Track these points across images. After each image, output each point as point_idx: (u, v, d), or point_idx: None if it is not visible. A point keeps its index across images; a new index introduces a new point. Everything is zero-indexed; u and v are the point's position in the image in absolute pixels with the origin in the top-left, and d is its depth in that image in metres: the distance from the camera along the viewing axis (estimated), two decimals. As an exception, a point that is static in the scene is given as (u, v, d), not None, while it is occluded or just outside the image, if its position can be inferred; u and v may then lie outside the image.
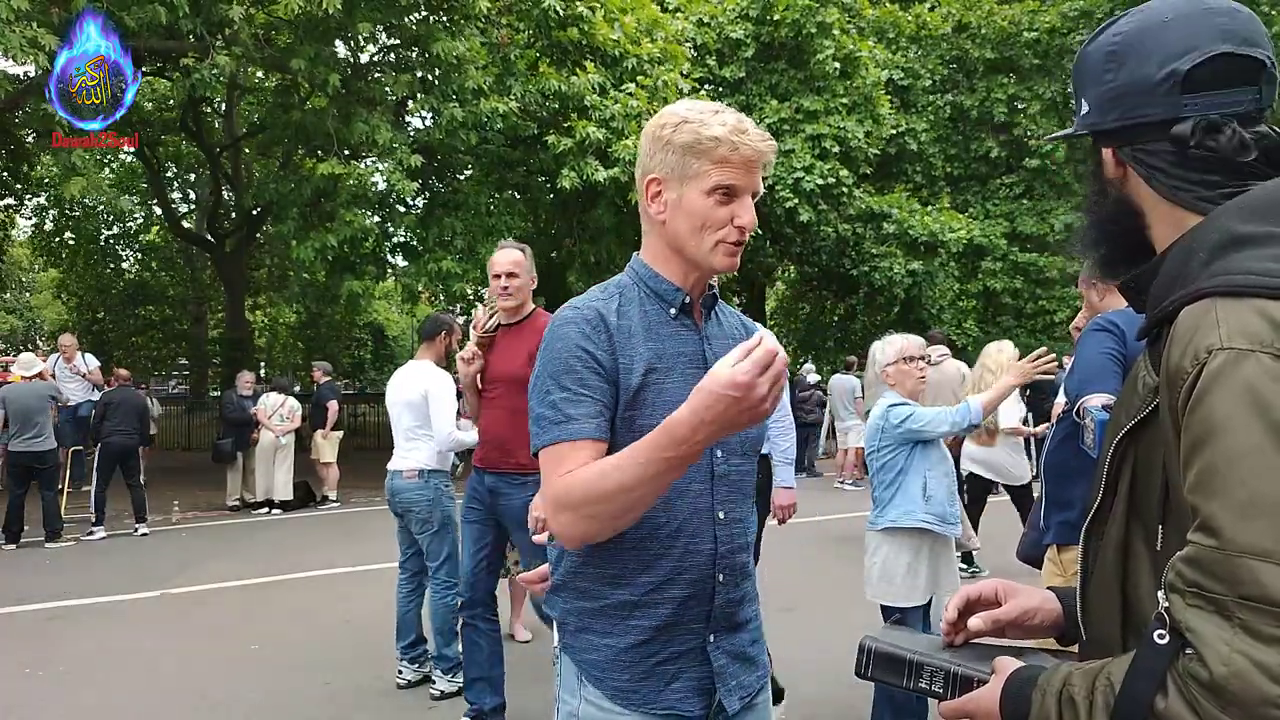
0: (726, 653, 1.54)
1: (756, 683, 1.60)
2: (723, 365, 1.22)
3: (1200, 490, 0.84)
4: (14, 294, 35.73)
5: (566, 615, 1.56)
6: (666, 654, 1.49)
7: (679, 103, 1.54)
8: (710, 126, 1.44)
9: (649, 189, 1.52)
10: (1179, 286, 0.95)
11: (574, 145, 11.53)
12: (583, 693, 1.52)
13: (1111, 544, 1.01)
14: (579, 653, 1.53)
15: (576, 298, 1.58)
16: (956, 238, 17.45)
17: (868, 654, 1.17)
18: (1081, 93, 1.11)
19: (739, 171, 1.45)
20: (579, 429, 1.43)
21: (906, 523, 3.46)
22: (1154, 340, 1.00)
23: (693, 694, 1.50)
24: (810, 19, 15.51)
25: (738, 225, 1.47)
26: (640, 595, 1.48)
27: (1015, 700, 1.00)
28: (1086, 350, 2.57)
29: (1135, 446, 0.99)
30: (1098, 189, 1.12)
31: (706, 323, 1.60)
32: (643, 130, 1.56)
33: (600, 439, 1.44)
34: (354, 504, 11.43)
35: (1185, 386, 0.88)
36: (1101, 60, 1.07)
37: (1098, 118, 1.08)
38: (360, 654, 5.13)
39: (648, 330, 1.52)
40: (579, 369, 1.45)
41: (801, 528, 8.63)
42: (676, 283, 1.55)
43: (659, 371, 1.49)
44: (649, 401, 1.47)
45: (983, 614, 1.21)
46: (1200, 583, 0.82)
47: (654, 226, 1.55)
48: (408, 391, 4.59)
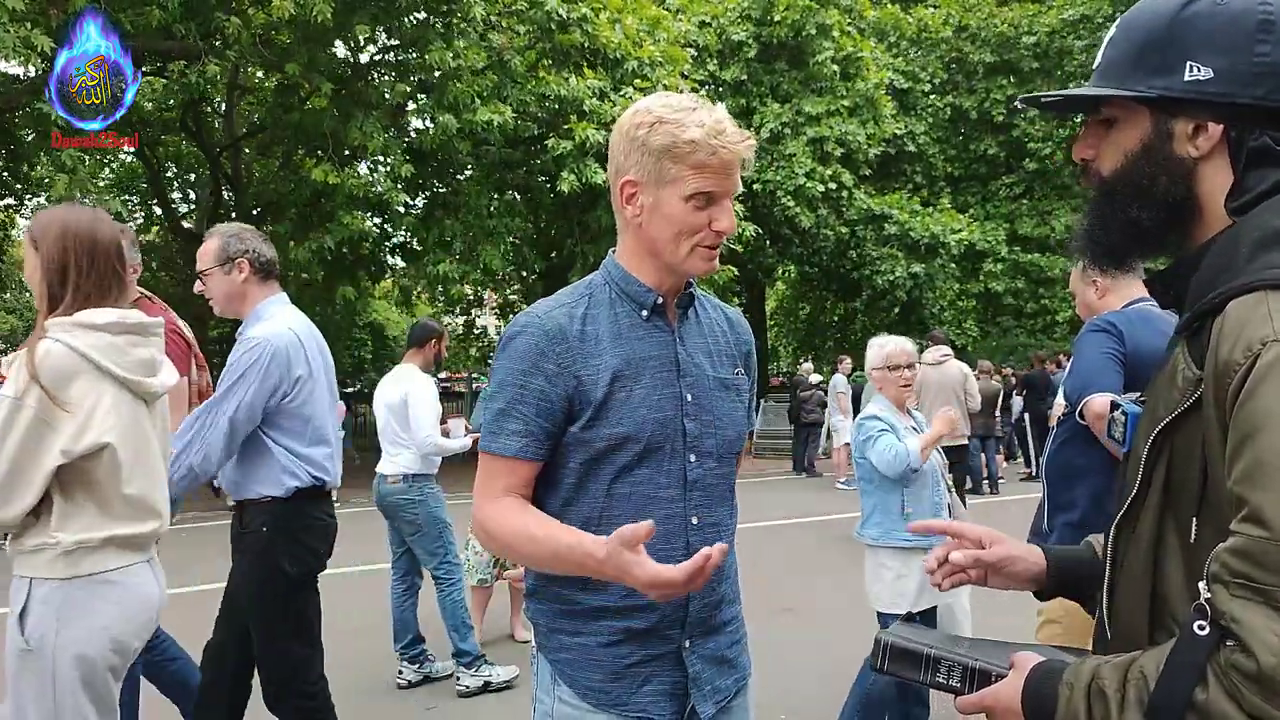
0: (703, 657, 1.51)
1: (734, 686, 1.57)
2: (646, 566, 1.28)
3: (1249, 482, 0.83)
4: (14, 294, 35.73)
5: (539, 616, 1.55)
6: (639, 657, 1.47)
7: (653, 97, 1.48)
8: (687, 129, 1.38)
9: (624, 190, 1.46)
10: (1222, 280, 0.93)
11: (574, 148, 11.54)
12: (557, 691, 1.51)
13: (1144, 537, 1.00)
14: (552, 652, 1.52)
15: (542, 301, 1.53)
16: (957, 239, 17.46)
17: (884, 649, 1.16)
18: (1191, 54, 0.99)
19: (718, 176, 1.41)
20: (505, 445, 1.45)
21: (886, 542, 3.44)
22: (1194, 333, 0.97)
23: (665, 698, 1.48)
24: (810, 19, 15.52)
25: (716, 229, 1.43)
26: (613, 602, 1.46)
27: (1038, 694, 0.99)
28: (1086, 351, 2.57)
29: (1172, 439, 0.97)
30: (1150, 169, 1.03)
31: (683, 322, 1.55)
32: (616, 124, 1.50)
33: (528, 459, 1.46)
34: (353, 504, 11.42)
35: (1236, 378, 0.86)
36: (1251, 28, 0.97)
37: (1233, 88, 0.97)
38: (360, 654, 5.12)
39: (616, 335, 1.47)
40: (521, 384, 1.44)
41: (801, 528, 8.62)
42: (650, 284, 1.50)
43: (627, 377, 1.45)
44: (614, 409, 1.44)
45: (966, 551, 1.24)
46: (1248, 573, 0.81)
47: (629, 227, 1.50)
48: (390, 395, 4.65)
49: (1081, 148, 1.12)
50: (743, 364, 1.63)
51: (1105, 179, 1.08)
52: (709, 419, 1.51)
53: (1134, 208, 1.04)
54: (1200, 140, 1.00)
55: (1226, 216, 0.99)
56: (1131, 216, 1.04)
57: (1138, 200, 1.04)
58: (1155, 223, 1.04)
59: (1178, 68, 1.00)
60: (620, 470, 1.45)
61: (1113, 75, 1.06)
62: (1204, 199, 1.01)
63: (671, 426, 1.47)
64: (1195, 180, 1.01)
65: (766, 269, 19.32)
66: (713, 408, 1.52)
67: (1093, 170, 1.10)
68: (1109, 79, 1.06)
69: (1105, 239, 1.08)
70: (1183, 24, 1.00)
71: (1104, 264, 1.12)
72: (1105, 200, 1.08)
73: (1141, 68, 1.03)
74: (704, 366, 1.54)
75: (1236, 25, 0.98)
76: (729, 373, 1.58)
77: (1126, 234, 1.06)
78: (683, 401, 1.49)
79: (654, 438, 1.45)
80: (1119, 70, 1.05)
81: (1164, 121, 1.02)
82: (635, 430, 1.44)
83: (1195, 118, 1.00)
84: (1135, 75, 1.03)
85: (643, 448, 1.45)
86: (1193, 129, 1.00)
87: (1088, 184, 1.12)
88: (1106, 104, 1.07)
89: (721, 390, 1.55)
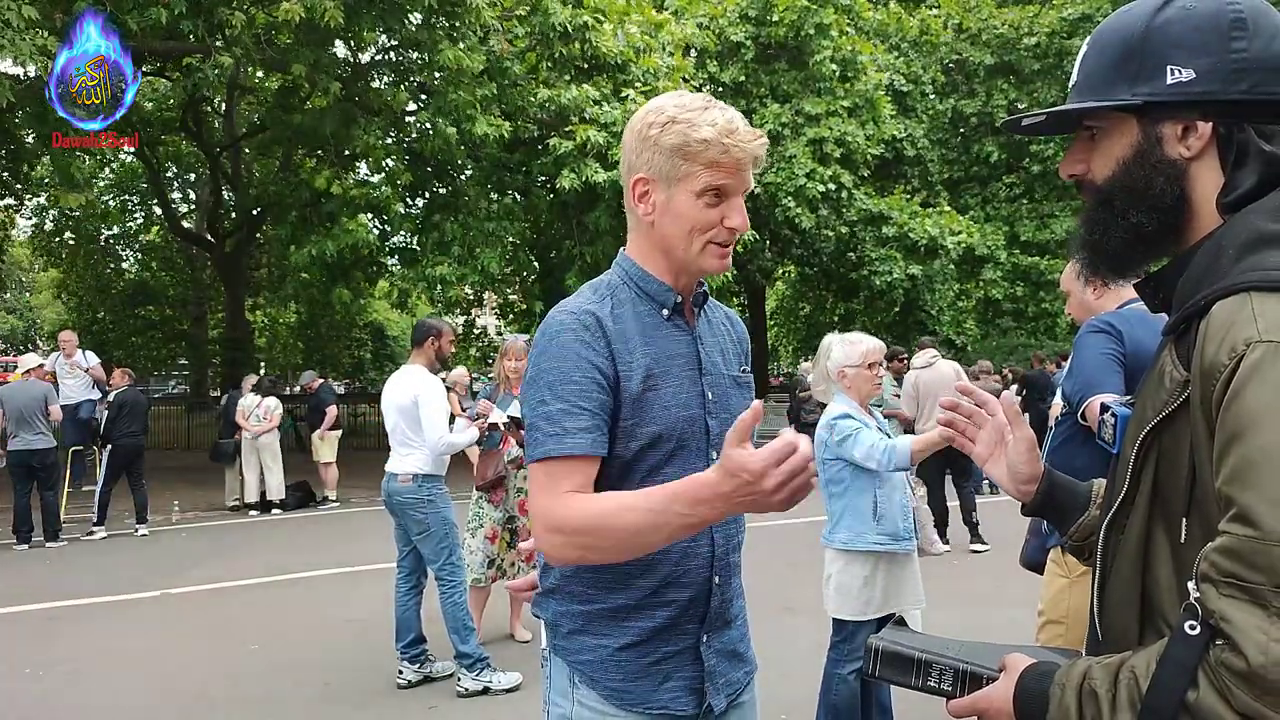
0: (717, 651, 1.52)
1: (743, 679, 1.59)
2: (737, 450, 1.17)
3: (1236, 482, 0.84)
4: (14, 294, 35.72)
5: (559, 618, 1.52)
6: (661, 654, 1.47)
7: (665, 97, 1.48)
8: (699, 128, 1.39)
9: (636, 188, 1.47)
10: (1208, 282, 0.94)
11: (574, 148, 11.54)
12: (576, 695, 1.49)
13: (1133, 539, 1.01)
14: (572, 654, 1.49)
15: (567, 299, 1.52)
16: (957, 242, 17.46)
17: (876, 654, 1.16)
18: (1170, 59, 1.01)
19: (729, 174, 1.41)
20: (575, 444, 1.37)
21: (859, 546, 3.38)
22: (1181, 335, 0.98)
23: (685, 693, 1.49)
24: (809, 19, 15.52)
25: (728, 226, 1.44)
26: (638, 599, 1.46)
27: (1030, 696, 1.00)
28: (1085, 352, 2.56)
29: (1160, 441, 0.98)
30: (1145, 173, 1.04)
31: (697, 323, 1.57)
32: (628, 124, 1.50)
33: (597, 455, 1.39)
34: (354, 504, 11.42)
35: (1221, 380, 0.87)
36: (1224, 26, 0.99)
37: (1215, 86, 0.99)
38: (360, 654, 5.13)
39: (644, 333, 1.47)
40: (578, 379, 1.39)
41: (802, 528, 8.62)
42: (668, 282, 1.51)
43: (657, 375, 1.45)
44: (648, 407, 1.43)
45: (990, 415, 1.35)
46: (1237, 573, 0.82)
47: (641, 226, 1.51)
48: (399, 397, 4.63)
49: (1070, 164, 1.13)
50: (746, 362, 1.67)
51: (1100, 188, 1.09)
52: (727, 416, 1.51)
53: (1132, 213, 1.05)
54: (1191, 140, 1.02)
55: (1218, 216, 1.01)
56: (1132, 222, 1.05)
57: (1135, 205, 1.05)
58: (1154, 226, 1.05)
59: (1159, 73, 1.02)
60: (650, 470, 1.44)
61: (1092, 89, 1.08)
62: (1197, 199, 1.03)
63: (697, 425, 1.49)
64: (1188, 181, 1.03)
65: (765, 271, 19.34)
66: (729, 405, 1.54)
67: (1086, 182, 1.11)
68: (1089, 93, 1.08)
69: (1107, 246, 1.09)
70: (1157, 31, 1.02)
71: (1106, 273, 1.12)
72: (1103, 208, 1.08)
73: (1122, 78, 1.04)
74: (719, 365, 1.57)
75: (1210, 25, 1.00)
76: (739, 370, 1.62)
77: (1127, 240, 1.07)
78: (705, 400, 1.51)
79: (683, 436, 1.46)
80: (1098, 83, 1.07)
81: (1152, 126, 1.04)
82: (667, 429, 1.44)
83: (1183, 119, 1.02)
84: (1117, 85, 1.05)
85: (673, 446, 1.45)
86: (1182, 130, 1.02)
87: (1085, 197, 1.13)
88: (1090, 117, 1.09)
89: (735, 388, 1.58)
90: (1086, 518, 1.28)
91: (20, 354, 11.94)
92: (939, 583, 5.67)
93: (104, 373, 10.78)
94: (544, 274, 16.12)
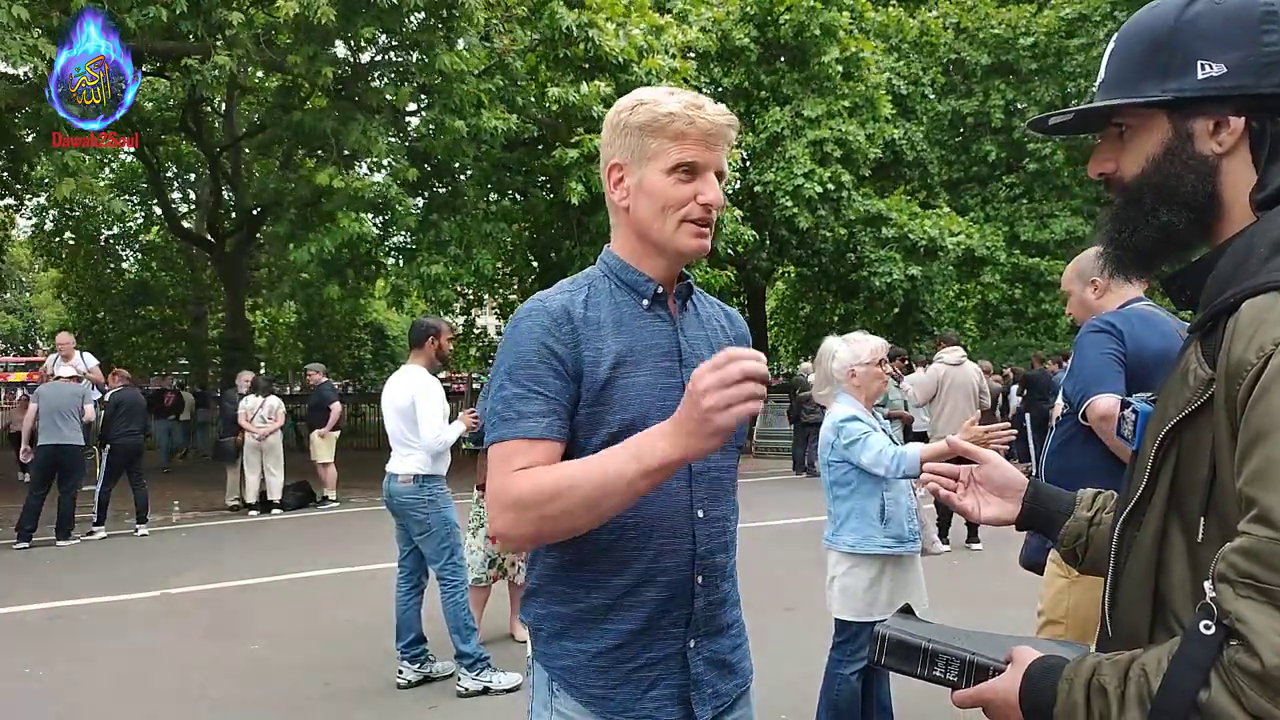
0: (706, 660, 1.48)
1: (734, 691, 1.53)
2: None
3: (1258, 482, 0.83)
4: (14, 294, 35.69)
5: (540, 621, 1.49)
6: (644, 659, 1.43)
7: (637, 90, 1.51)
8: (665, 104, 1.41)
9: (611, 175, 1.49)
10: (1238, 280, 0.93)
11: (580, 156, 11.53)
12: (554, 704, 1.46)
13: (1149, 536, 1.00)
14: (552, 659, 1.47)
15: (543, 290, 1.52)
16: (956, 243, 17.44)
17: (882, 642, 1.16)
18: (1200, 53, 1.00)
19: (698, 147, 1.41)
20: (528, 427, 1.37)
21: (866, 549, 3.36)
22: (1207, 333, 0.97)
23: (672, 702, 1.44)
24: (814, 20, 15.49)
25: (702, 203, 1.43)
26: (614, 598, 1.42)
27: (1037, 689, 0.99)
28: (1087, 352, 2.56)
29: (1180, 439, 0.97)
30: (1176, 169, 1.02)
31: (682, 314, 1.54)
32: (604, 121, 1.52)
33: (553, 439, 1.38)
34: (354, 504, 11.42)
35: (1248, 379, 0.86)
36: (1255, 20, 0.98)
37: (1247, 80, 0.98)
38: (360, 654, 5.13)
39: (618, 323, 1.46)
40: (535, 364, 1.40)
41: (801, 528, 8.63)
42: (648, 273, 1.50)
43: (628, 364, 1.44)
44: (617, 395, 1.42)
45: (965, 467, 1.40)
46: (1255, 574, 0.81)
47: (619, 214, 1.52)
48: (398, 399, 4.63)
49: (1099, 162, 1.12)
50: None
51: (1129, 185, 1.07)
52: None
53: (1163, 211, 1.04)
54: (1223, 135, 1.01)
55: (1250, 213, 1.00)
56: (1161, 220, 1.04)
57: (1165, 203, 1.03)
58: (1184, 224, 1.03)
59: (1189, 68, 1.00)
60: None
61: (1121, 85, 1.07)
62: (1227, 196, 1.02)
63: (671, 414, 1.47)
64: (1219, 177, 1.01)
65: (765, 271, 19.33)
66: None
67: (1114, 180, 1.10)
68: (1118, 90, 1.07)
69: (1134, 244, 1.07)
70: (1186, 25, 1.01)
71: (1132, 271, 1.11)
72: (1132, 206, 1.07)
73: (1151, 74, 1.03)
74: (705, 357, 1.53)
75: (1241, 19, 0.99)
76: None
77: (1156, 238, 1.05)
78: (685, 390, 1.49)
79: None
80: (1127, 80, 1.06)
81: (1183, 122, 1.02)
82: (638, 416, 1.41)
83: (1215, 114, 1.00)
84: (1146, 82, 1.04)
85: None
86: (1213, 125, 1.01)
87: (1113, 195, 1.11)
88: (1119, 114, 1.07)
89: None
90: (1074, 521, 1.29)
91: (20, 354, 11.93)
92: (939, 582, 5.66)
93: (101, 375, 10.81)
94: (544, 274, 16.11)
